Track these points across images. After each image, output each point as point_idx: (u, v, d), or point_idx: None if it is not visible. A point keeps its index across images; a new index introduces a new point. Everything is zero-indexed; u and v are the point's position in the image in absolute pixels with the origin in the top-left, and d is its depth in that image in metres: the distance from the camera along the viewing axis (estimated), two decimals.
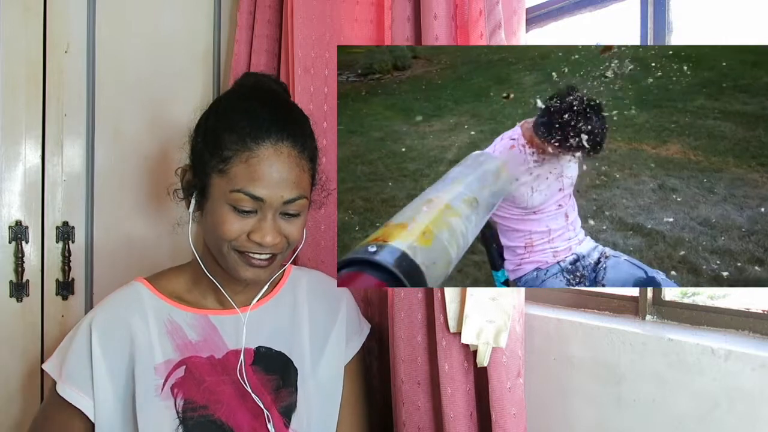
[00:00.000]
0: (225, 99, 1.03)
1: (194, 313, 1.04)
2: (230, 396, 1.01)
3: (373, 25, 1.27)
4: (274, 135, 0.94)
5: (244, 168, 0.93)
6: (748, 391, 0.80)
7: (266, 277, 1.02)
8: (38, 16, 1.36)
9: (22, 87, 1.35)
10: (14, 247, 1.35)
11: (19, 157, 1.36)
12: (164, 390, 0.99)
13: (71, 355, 1.01)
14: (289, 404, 1.03)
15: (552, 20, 1.23)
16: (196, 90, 1.53)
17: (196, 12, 1.54)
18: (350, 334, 1.13)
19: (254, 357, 1.04)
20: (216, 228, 0.95)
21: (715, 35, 1.30)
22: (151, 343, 1.01)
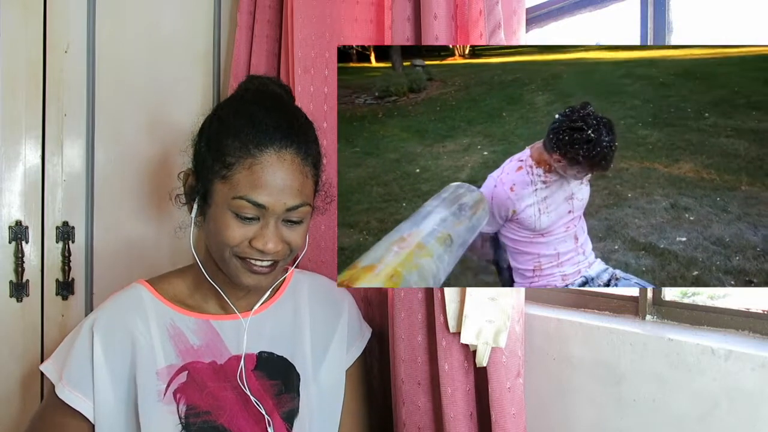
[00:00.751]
0: (228, 104, 1.02)
1: (196, 318, 1.04)
2: (233, 402, 1.00)
3: (373, 25, 1.27)
4: (277, 142, 0.93)
5: (246, 175, 0.92)
6: (748, 391, 0.80)
7: (268, 283, 1.01)
8: (38, 16, 1.36)
9: (22, 87, 1.35)
10: (14, 247, 1.35)
11: (19, 157, 1.36)
12: (167, 395, 0.99)
13: (72, 358, 1.00)
14: (292, 409, 1.03)
15: (552, 20, 1.23)
16: (196, 90, 1.53)
17: (196, 12, 1.54)
18: (352, 338, 1.12)
19: (256, 362, 1.04)
20: (218, 234, 0.95)
21: (715, 35, 1.30)
22: (153, 347, 1.00)
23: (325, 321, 1.11)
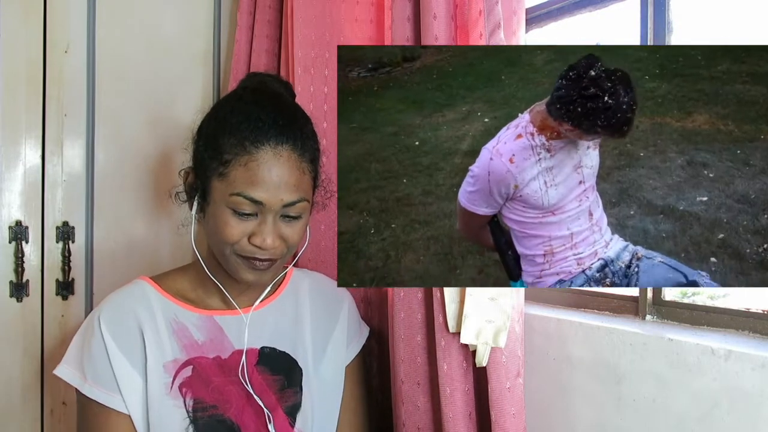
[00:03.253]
0: (226, 102, 1.03)
1: (199, 314, 1.05)
2: (238, 396, 1.02)
3: (373, 25, 1.27)
4: (273, 138, 0.94)
5: (243, 171, 0.93)
6: (748, 391, 0.80)
7: (268, 279, 1.02)
8: (38, 16, 1.36)
9: (22, 87, 1.35)
10: (14, 247, 1.35)
11: (19, 157, 1.36)
12: (173, 389, 1.00)
13: (88, 356, 1.00)
14: (295, 404, 1.04)
15: (552, 20, 1.23)
16: (196, 90, 1.53)
17: (196, 12, 1.53)
18: (351, 335, 1.14)
19: (258, 357, 1.05)
20: (217, 231, 0.96)
21: (715, 35, 1.29)
22: (160, 339, 1.01)
23: (325, 317, 1.12)
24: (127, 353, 1.00)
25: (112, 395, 0.99)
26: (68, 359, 1.03)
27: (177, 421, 0.98)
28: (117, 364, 0.99)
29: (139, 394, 0.99)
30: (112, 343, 1.00)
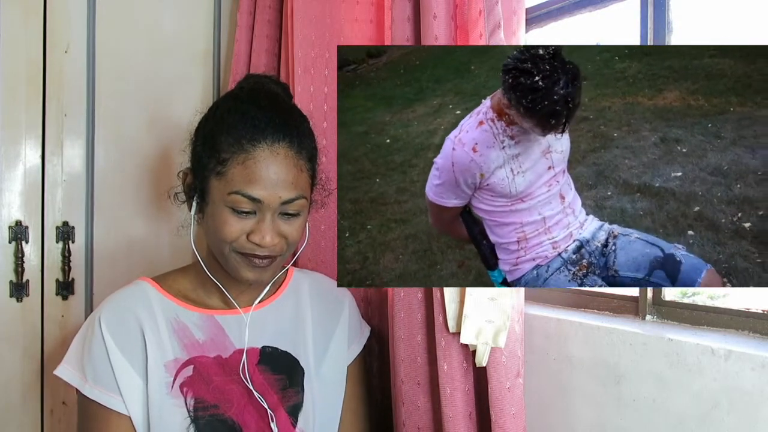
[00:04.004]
0: (222, 102, 1.04)
1: (200, 313, 1.05)
2: (239, 395, 1.02)
3: (373, 25, 1.27)
4: (270, 136, 0.94)
5: (241, 170, 0.93)
6: (748, 391, 0.80)
7: (268, 277, 1.02)
8: (38, 16, 1.36)
9: (22, 87, 1.35)
10: (14, 247, 1.35)
11: (19, 157, 1.36)
12: (174, 388, 1.00)
13: (88, 357, 1.01)
14: (297, 403, 1.05)
15: (552, 20, 1.23)
16: (196, 90, 1.53)
17: (196, 12, 1.54)
18: (352, 335, 1.14)
19: (260, 357, 1.05)
20: (216, 230, 0.96)
21: (715, 35, 1.29)
22: (161, 338, 1.02)
23: (326, 317, 1.12)
24: (128, 354, 1.00)
25: (112, 396, 0.99)
26: (69, 359, 1.03)
27: (178, 420, 0.99)
28: (117, 364, 0.99)
29: (139, 395, 0.99)
30: (112, 344, 1.00)
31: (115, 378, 0.99)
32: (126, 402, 0.99)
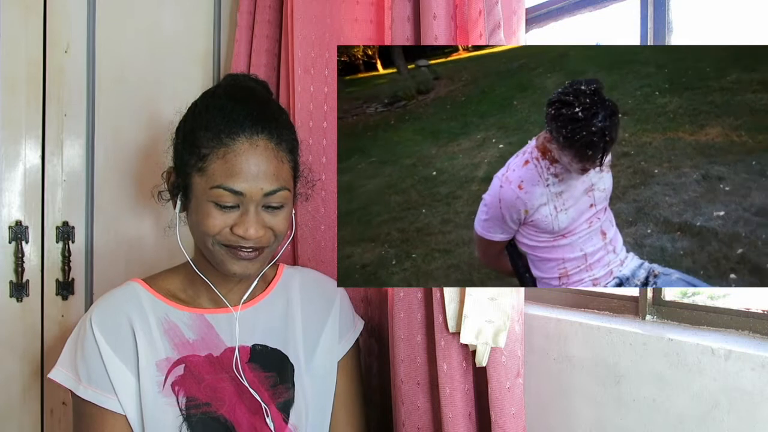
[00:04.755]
0: (200, 100, 1.05)
1: (191, 313, 1.05)
2: (231, 393, 1.02)
3: (373, 25, 1.27)
4: (248, 129, 0.95)
5: (221, 164, 0.94)
6: (748, 391, 0.80)
7: (255, 270, 1.02)
8: (38, 16, 1.36)
9: (22, 87, 1.35)
10: (14, 247, 1.35)
11: (19, 157, 1.36)
12: (165, 387, 1.00)
13: (81, 358, 1.01)
14: (287, 400, 1.05)
15: (552, 20, 1.23)
16: (196, 90, 1.52)
17: (196, 12, 1.54)
18: (344, 329, 1.14)
19: (250, 354, 1.05)
20: (199, 225, 0.97)
21: (715, 35, 1.29)
22: (152, 338, 1.02)
23: (317, 312, 1.12)
24: (120, 353, 1.00)
25: (106, 396, 0.99)
26: (62, 362, 1.04)
27: (170, 419, 0.99)
28: (110, 364, 0.99)
29: (133, 394, 1.00)
30: (104, 344, 1.00)
31: (109, 378, 0.99)
32: (121, 401, 0.99)
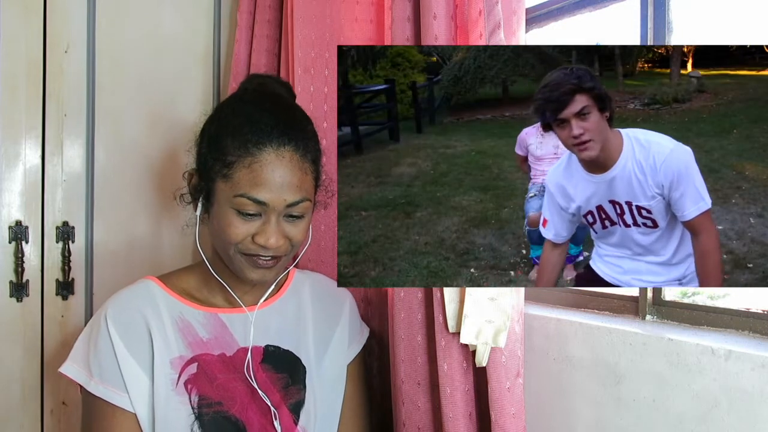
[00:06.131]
0: (227, 104, 1.04)
1: (205, 312, 1.06)
2: (243, 393, 1.03)
3: (373, 25, 1.27)
4: (276, 140, 0.95)
5: (247, 173, 0.94)
6: (748, 391, 0.80)
7: (272, 277, 1.03)
8: (38, 16, 1.36)
9: (22, 87, 1.35)
10: (14, 247, 1.35)
11: (19, 157, 1.36)
12: (179, 385, 1.01)
13: (95, 354, 1.01)
14: (299, 401, 1.06)
15: (552, 20, 1.23)
16: (196, 90, 1.53)
17: (196, 12, 1.53)
18: (352, 335, 1.15)
19: (263, 355, 1.06)
20: (222, 231, 0.97)
21: (716, 36, 1.29)
22: (166, 335, 1.02)
23: (327, 316, 1.13)
24: (134, 351, 1.00)
25: (118, 393, 0.99)
26: (74, 357, 1.04)
27: (183, 417, 0.99)
28: (124, 362, 1.00)
29: (144, 392, 1.00)
30: (119, 341, 1.00)
31: (122, 375, 0.99)
32: (132, 399, 0.99)
